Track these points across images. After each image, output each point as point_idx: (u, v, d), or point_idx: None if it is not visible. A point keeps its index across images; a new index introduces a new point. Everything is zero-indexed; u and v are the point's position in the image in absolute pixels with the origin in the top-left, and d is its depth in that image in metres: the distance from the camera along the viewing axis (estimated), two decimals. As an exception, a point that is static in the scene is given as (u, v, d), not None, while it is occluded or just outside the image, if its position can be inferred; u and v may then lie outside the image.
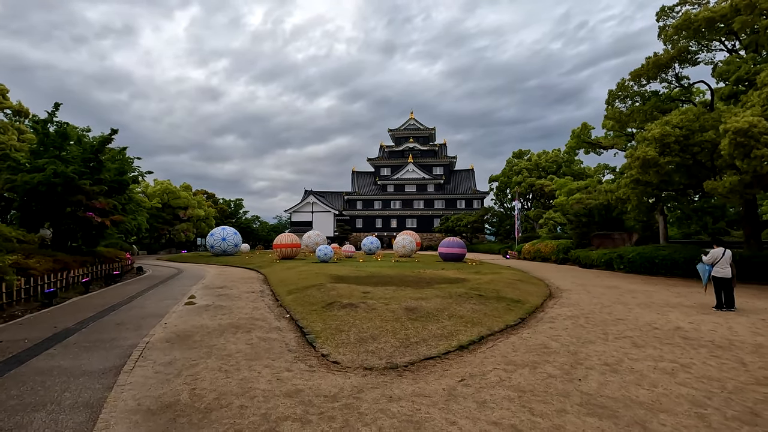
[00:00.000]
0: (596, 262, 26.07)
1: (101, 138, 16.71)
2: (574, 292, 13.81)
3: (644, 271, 21.66)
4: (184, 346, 6.53)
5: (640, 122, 19.89)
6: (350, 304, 9.58)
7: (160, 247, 61.25)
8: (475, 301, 10.45)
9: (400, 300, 10.14)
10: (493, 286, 13.45)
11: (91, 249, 17.49)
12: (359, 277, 16.23)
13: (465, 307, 9.68)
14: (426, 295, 11.01)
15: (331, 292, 11.43)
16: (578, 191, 32.55)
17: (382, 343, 6.78)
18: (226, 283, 16.23)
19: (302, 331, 7.76)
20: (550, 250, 33.68)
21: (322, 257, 26.16)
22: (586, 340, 7.19)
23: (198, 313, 9.45)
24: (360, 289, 12.08)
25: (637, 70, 20.18)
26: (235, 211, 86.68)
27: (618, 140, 29.79)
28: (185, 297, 12.07)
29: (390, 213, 77.33)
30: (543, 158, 51.17)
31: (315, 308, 9.62)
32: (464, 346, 6.78)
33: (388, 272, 18.63)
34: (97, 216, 15.48)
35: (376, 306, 9.38)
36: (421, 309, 9.14)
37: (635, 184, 19.64)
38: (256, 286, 15.38)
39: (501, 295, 11.80)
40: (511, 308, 10.10)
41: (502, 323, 8.49)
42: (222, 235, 39.01)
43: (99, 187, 15.75)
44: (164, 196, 56.06)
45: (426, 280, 15.27)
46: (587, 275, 20.75)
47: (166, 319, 8.74)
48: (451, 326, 7.89)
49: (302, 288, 12.76)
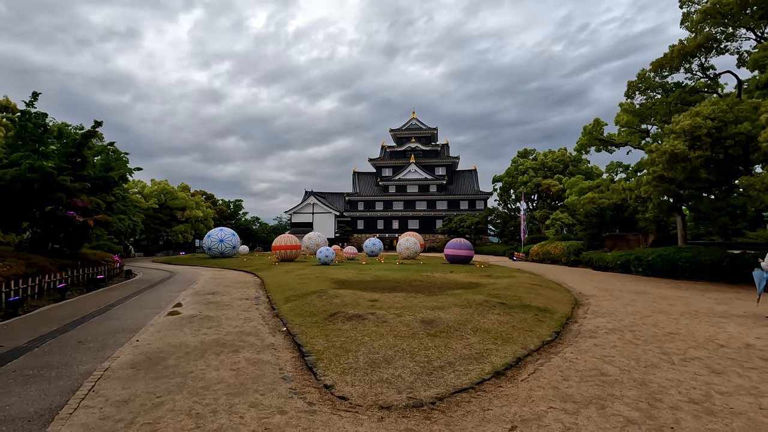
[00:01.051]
0: (611, 264, 24.76)
1: (84, 131, 15.40)
2: (602, 299, 12.50)
3: (665, 274, 20.34)
4: (152, 374, 5.22)
5: (662, 115, 18.60)
6: (357, 315, 8.27)
7: (157, 249, 59.93)
8: (498, 310, 9.14)
9: (413, 310, 8.84)
10: (513, 292, 12.15)
11: (75, 251, 16.21)
12: (363, 281, 14.93)
13: (489, 318, 8.37)
14: (441, 303, 9.70)
15: (334, 299, 10.13)
16: (590, 190, 31.24)
17: (399, 368, 5.47)
18: (219, 288, 14.92)
19: (300, 350, 6.45)
20: (560, 252, 32.36)
21: (323, 259, 24.86)
22: (649, 363, 5.88)
23: (180, 326, 8.13)
24: (366, 296, 10.78)
25: (659, 60, 18.90)
26: (234, 212, 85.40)
27: (632, 137, 28.50)
28: (170, 305, 10.76)
29: (392, 214, 76.01)
30: (549, 157, 49.85)
31: (316, 320, 8.32)
32: (500, 371, 5.48)
33: (394, 276, 17.32)
34: (79, 215, 14.20)
35: (387, 318, 8.07)
36: (439, 321, 7.84)
37: (658, 182, 18.33)
38: (251, 291, 14.08)
39: (524, 302, 10.50)
40: (540, 319, 8.79)
41: (537, 339, 7.19)
42: (219, 236, 37.71)
43: (81, 183, 14.45)
44: (161, 196, 54.78)
45: (437, 285, 13.97)
46: (606, 279, 19.42)
47: (141, 334, 7.41)
48: (479, 344, 6.59)
49: (301, 294, 11.46)
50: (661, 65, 18.91)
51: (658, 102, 18.48)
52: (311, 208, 74.53)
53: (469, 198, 75.32)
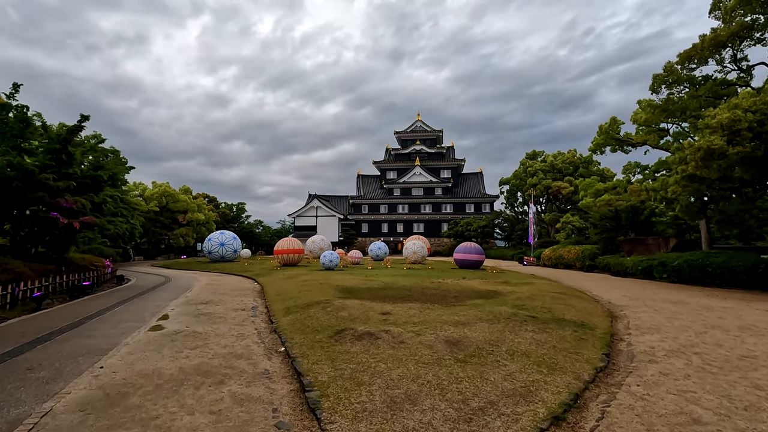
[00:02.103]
0: (631, 270, 23.36)
1: (70, 126, 14.23)
2: (638, 310, 11.18)
3: (693, 281, 18.98)
4: (103, 423, 3.96)
5: (693, 110, 17.28)
6: (368, 334, 7.01)
7: (158, 253, 58.91)
8: (531, 326, 7.86)
9: (433, 326, 7.57)
10: (539, 302, 10.87)
11: (61, 256, 15.07)
12: (371, 289, 13.68)
13: (523, 336, 7.10)
14: (464, 317, 8.43)
15: (340, 312, 8.87)
16: (605, 192, 29.88)
17: (428, 410, 4.22)
18: (214, 296, 13.70)
19: (301, 380, 5.20)
20: (573, 256, 30.95)
21: (327, 264, 23.63)
22: (746, 402, 4.59)
23: (159, 345, 6.89)
24: (376, 307, 9.52)
25: (687, 51, 17.62)
26: (237, 215, 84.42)
27: (650, 136, 27.16)
28: (155, 318, 9.53)
29: (396, 217, 74.78)
30: (559, 159, 48.50)
31: (320, 338, 7.07)
32: (559, 415, 4.21)
33: (403, 283, 16.07)
34: (63, 217, 13.06)
35: (404, 337, 6.81)
36: (467, 342, 6.57)
37: (688, 181, 17.01)
38: (248, 300, 12.85)
39: (556, 315, 9.21)
40: (581, 337, 7.50)
41: (587, 364, 5.91)
42: (220, 239, 36.55)
43: (65, 182, 13.30)
44: (162, 199, 53.79)
45: (452, 293, 12.70)
46: (631, 286, 18.06)
47: (109, 357, 6.17)
48: (521, 372, 5.32)
49: (304, 305, 10.21)
50: (689, 57, 17.62)
51: (687, 96, 17.19)
52: (315, 211, 73.41)
53: (475, 201, 73.99)
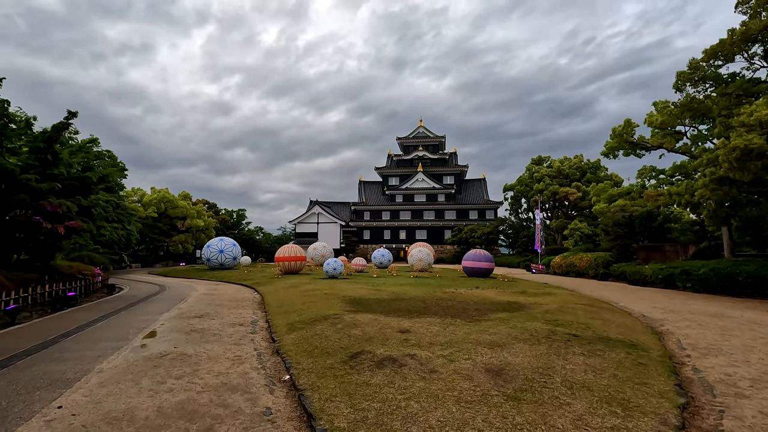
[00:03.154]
0: (651, 278, 22.19)
1: (56, 123, 13.14)
2: (681, 325, 10.03)
3: (721, 290, 17.82)
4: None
5: (722, 108, 16.24)
6: (389, 359, 5.86)
7: (156, 260, 57.73)
8: (577, 347, 6.72)
9: (464, 348, 6.43)
10: (571, 316, 9.73)
11: (46, 263, 13.94)
12: (381, 300, 12.54)
13: (574, 362, 5.96)
14: (495, 336, 7.29)
15: (352, 330, 7.72)
16: (619, 197, 28.77)
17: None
18: (210, 308, 12.55)
19: (313, 426, 4.07)
20: (586, 264, 29.77)
21: (331, 272, 22.48)
22: None
23: (138, 374, 5.73)
24: (392, 323, 8.37)
25: (714, 47, 16.63)
26: (237, 221, 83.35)
27: (666, 139, 26.14)
28: (140, 335, 8.38)
29: (399, 224, 73.64)
30: (566, 164, 47.46)
31: (332, 364, 5.92)
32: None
33: (414, 293, 14.93)
34: (47, 221, 11.98)
35: (434, 363, 5.67)
36: (511, 370, 5.43)
37: (718, 184, 15.93)
38: (247, 313, 11.70)
39: (598, 333, 8.06)
40: (639, 361, 6.36)
41: (665, 401, 4.76)
42: (219, 246, 35.38)
43: (50, 184, 12.20)
44: (161, 205, 52.73)
45: (471, 305, 11.55)
46: (656, 296, 16.89)
47: (73, 391, 5.01)
48: (592, 415, 4.18)
49: (310, 320, 9.06)
50: (716, 53, 16.63)
51: (716, 93, 16.17)
52: (316, 217, 72.29)
53: (478, 208, 72.91)
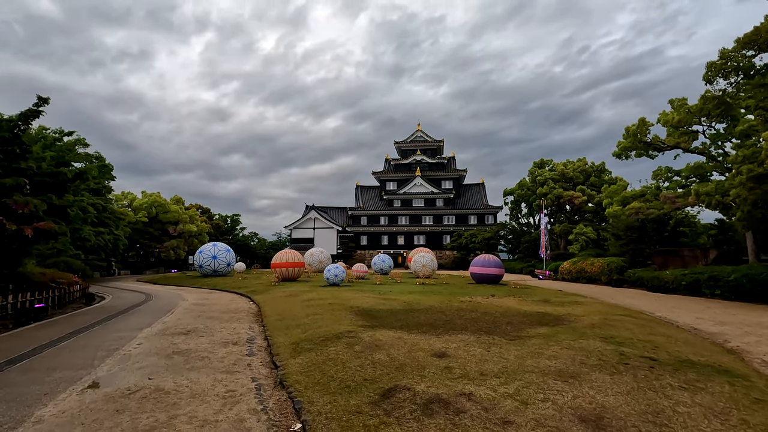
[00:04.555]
0: (672, 285, 20.85)
1: (23, 111, 11.54)
2: (748, 341, 8.62)
3: (755, 298, 16.51)
4: None
5: (760, 100, 14.99)
6: (437, 400, 4.34)
7: (146, 267, 55.70)
8: (668, 376, 5.26)
9: (528, 380, 4.94)
10: (626, 332, 8.28)
11: (13, 270, 12.28)
12: (395, 311, 11.02)
13: (681, 401, 4.49)
14: (558, 362, 5.80)
15: (375, 353, 6.19)
16: (633, 199, 27.52)
17: None
18: (199, 321, 10.94)
19: None
20: (598, 270, 28.38)
21: (332, 279, 20.90)
22: None
23: (90, 427, 4.17)
24: (420, 342, 6.86)
25: (747, 35, 15.43)
26: (231, 227, 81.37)
27: (683, 138, 24.99)
28: (108, 360, 6.76)
29: (397, 229, 72.11)
30: (570, 167, 46.32)
31: (358, 406, 4.40)
32: None
33: (427, 301, 13.42)
34: (11, 222, 10.38)
35: (502, 407, 4.16)
36: (610, 416, 3.95)
37: (756, 183, 14.63)
38: (242, 328, 10.12)
39: (672, 354, 6.61)
40: (753, 396, 4.90)
41: None
42: (213, 252, 33.61)
43: (15, 179, 10.59)
44: (152, 209, 50.81)
45: (501, 318, 10.06)
46: (690, 305, 15.51)
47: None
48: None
49: (318, 339, 7.50)
50: (750, 41, 15.41)
51: (753, 84, 14.94)
52: (312, 223, 70.59)
53: (477, 212, 71.61)
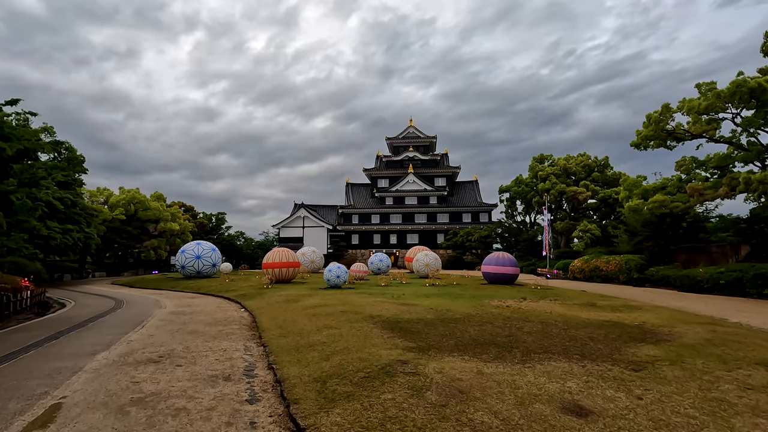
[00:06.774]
0: (706, 284, 19.00)
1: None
2: None
3: (815, 299, 14.68)
4: None
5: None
6: None
7: (125, 268, 52.17)
8: None
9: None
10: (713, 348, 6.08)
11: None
12: (429, 322, 8.64)
13: None
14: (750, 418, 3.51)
15: (466, 408, 3.79)
16: (654, 192, 25.69)
17: None
18: (177, 339, 8.37)
19: None
20: (614, 268, 26.42)
21: (333, 281, 18.43)
22: None
23: None
24: (517, 380, 4.51)
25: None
26: (216, 226, 77.93)
27: (710, 126, 23.21)
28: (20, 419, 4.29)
29: (389, 228, 69.76)
30: (572, 162, 44.61)
31: None
32: None
33: (457, 307, 11.10)
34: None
35: None
36: None
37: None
38: (236, 350, 7.60)
39: None
40: None
41: None
42: (196, 251, 30.73)
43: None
44: (130, 206, 47.30)
45: (576, 332, 7.79)
46: (747, 306, 13.50)
47: None
48: None
49: (355, 375, 5.04)
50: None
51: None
52: (301, 221, 67.71)
53: (471, 210, 69.72)
